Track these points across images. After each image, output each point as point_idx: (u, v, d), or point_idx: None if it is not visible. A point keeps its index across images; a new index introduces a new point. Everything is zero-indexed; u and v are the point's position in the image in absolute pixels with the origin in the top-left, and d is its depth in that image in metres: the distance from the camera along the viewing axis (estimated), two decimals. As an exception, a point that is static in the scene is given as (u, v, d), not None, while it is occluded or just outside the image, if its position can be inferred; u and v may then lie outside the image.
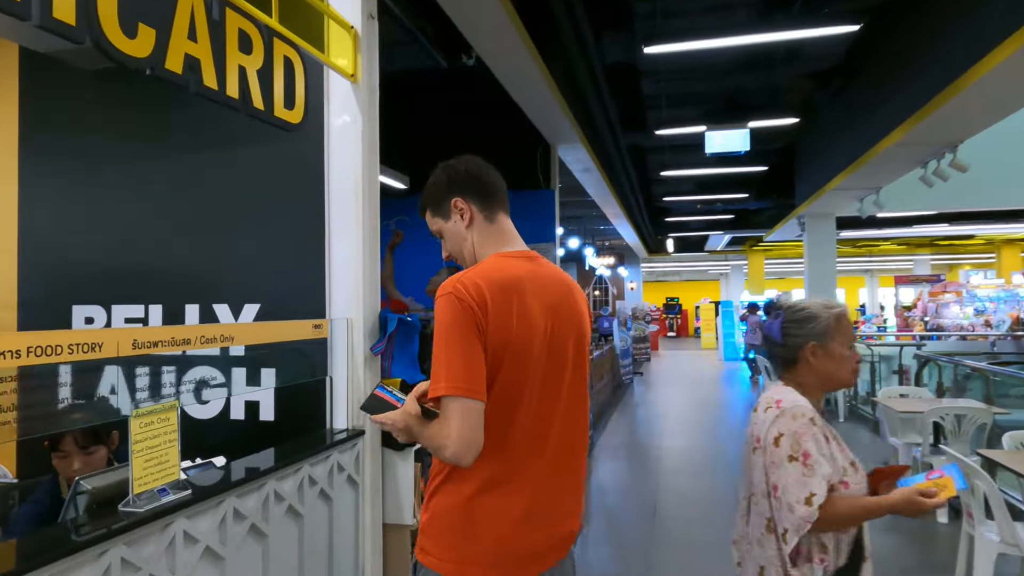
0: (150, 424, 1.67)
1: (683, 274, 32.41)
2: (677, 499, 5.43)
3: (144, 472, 1.65)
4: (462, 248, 1.57)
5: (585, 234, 16.91)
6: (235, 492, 1.92)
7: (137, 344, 1.61)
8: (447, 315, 1.36)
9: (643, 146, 9.17)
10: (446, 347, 1.34)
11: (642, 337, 16.49)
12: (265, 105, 2.09)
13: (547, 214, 6.84)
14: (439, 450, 1.35)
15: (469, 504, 1.42)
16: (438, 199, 1.59)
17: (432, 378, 1.36)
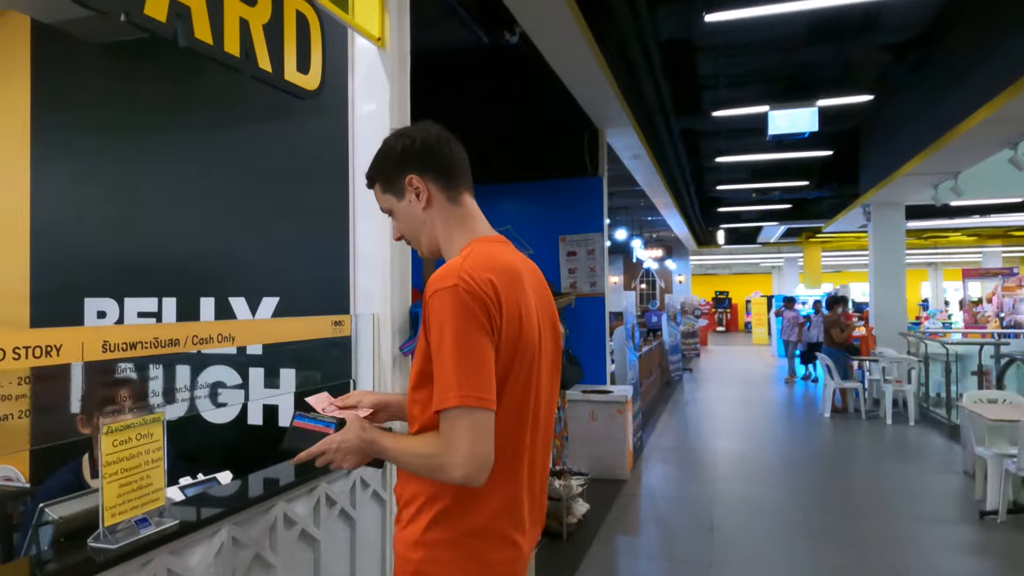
0: (127, 442, 1.40)
1: (733, 267, 31.45)
2: (735, 510, 5.01)
3: (119, 500, 1.38)
4: (419, 233, 1.38)
5: (633, 225, 16.40)
6: (235, 518, 1.64)
7: (108, 347, 1.33)
8: (450, 311, 1.17)
9: (697, 130, 8.67)
10: (454, 349, 1.15)
11: (691, 332, 15.92)
12: (273, 67, 1.80)
13: (594, 202, 6.48)
14: (440, 470, 1.17)
15: (485, 532, 1.25)
16: (389, 174, 1.38)
17: (442, 385, 1.16)
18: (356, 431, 1.30)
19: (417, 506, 1.26)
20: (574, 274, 6.51)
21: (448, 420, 1.15)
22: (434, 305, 1.18)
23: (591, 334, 6.41)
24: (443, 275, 1.21)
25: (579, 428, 5.84)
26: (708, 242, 19.25)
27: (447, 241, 1.37)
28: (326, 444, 1.29)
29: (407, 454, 1.25)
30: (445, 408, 1.15)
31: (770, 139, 6.34)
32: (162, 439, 1.48)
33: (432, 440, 1.19)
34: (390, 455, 1.28)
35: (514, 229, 6.74)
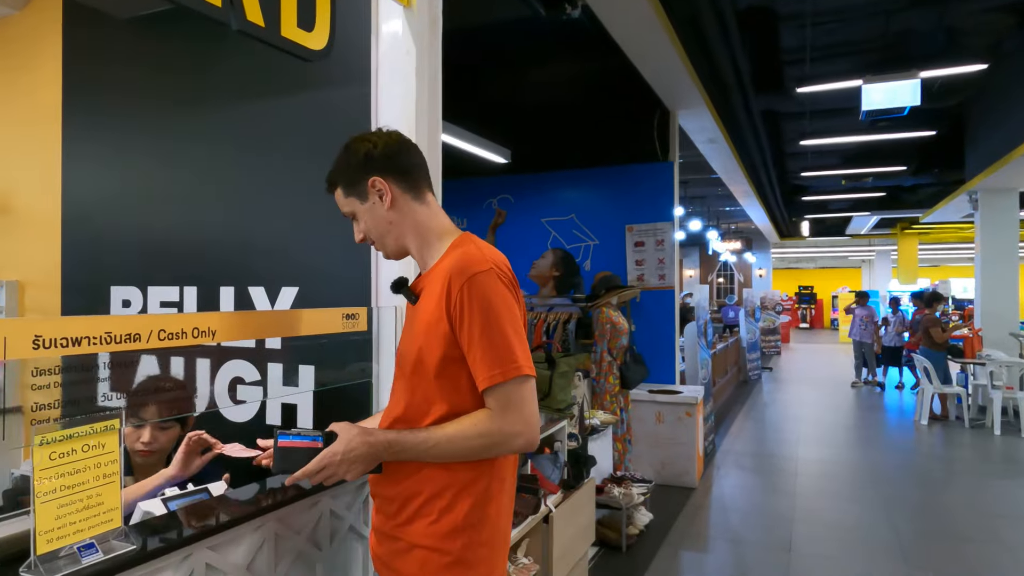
0: (69, 454, 1.19)
1: (819, 260, 29.77)
2: (817, 528, 4.51)
3: (57, 523, 1.17)
4: (384, 233, 1.42)
5: (708, 216, 15.65)
6: (214, 539, 1.41)
7: (39, 342, 1.12)
8: (495, 291, 1.26)
9: (779, 111, 8.01)
10: (509, 323, 1.26)
11: (772, 329, 15.06)
12: (267, 20, 1.55)
13: (665, 190, 6.05)
14: (503, 443, 1.25)
15: (507, 503, 1.39)
16: (352, 178, 1.41)
17: (499, 359, 1.23)
18: (361, 438, 1.28)
19: (451, 495, 1.29)
20: (641, 266, 6.11)
21: (507, 390, 1.22)
22: (478, 287, 1.24)
23: (659, 330, 6.01)
24: (473, 261, 1.27)
25: (644, 431, 5.47)
26: (791, 234, 18.18)
27: (419, 238, 1.42)
28: (327, 458, 1.27)
29: (455, 440, 1.25)
30: (510, 379, 1.22)
31: (863, 117, 5.71)
32: (117, 450, 1.26)
33: (483, 417, 1.24)
34: (418, 451, 1.27)
35: (577, 219, 6.42)
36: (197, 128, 2.55)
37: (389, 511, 1.37)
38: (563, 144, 6.43)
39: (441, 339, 1.28)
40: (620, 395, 4.81)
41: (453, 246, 1.38)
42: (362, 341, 2.04)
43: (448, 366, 1.28)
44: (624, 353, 4.82)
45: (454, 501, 1.29)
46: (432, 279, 1.36)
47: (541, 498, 2.67)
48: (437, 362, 1.29)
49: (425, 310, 1.33)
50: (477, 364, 1.24)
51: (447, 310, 1.27)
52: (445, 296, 1.27)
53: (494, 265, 1.29)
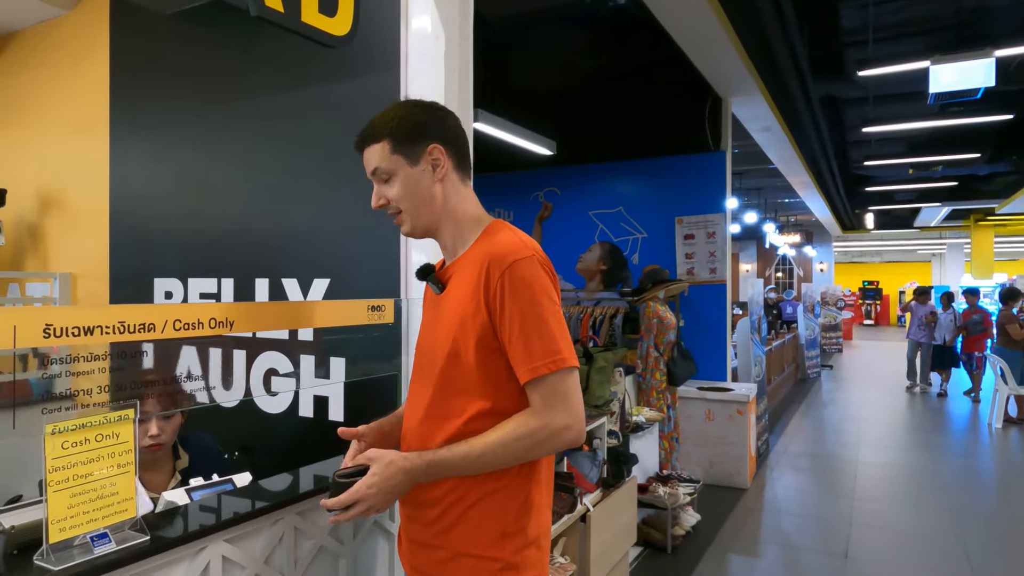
0: (81, 444, 1.18)
1: (885, 254, 28.50)
2: (877, 535, 4.28)
3: (69, 512, 1.17)
4: (418, 205, 1.30)
5: (766, 208, 15.15)
6: (230, 532, 1.40)
7: (49, 331, 1.12)
8: (539, 279, 1.20)
9: (840, 97, 7.63)
10: (552, 313, 1.19)
11: (833, 325, 14.47)
12: (286, 5, 1.52)
13: (716, 180, 5.84)
14: (551, 439, 1.17)
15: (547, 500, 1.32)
16: (409, 135, 1.28)
17: (543, 350, 1.16)
18: (398, 464, 1.18)
19: (496, 498, 1.23)
20: (691, 259, 5.92)
21: (552, 383, 1.16)
22: (519, 274, 1.18)
23: (710, 325, 5.82)
24: (513, 247, 1.21)
25: (692, 429, 5.31)
26: (855, 226, 17.43)
27: (453, 222, 1.33)
28: (358, 493, 1.16)
29: (499, 447, 1.17)
30: (552, 371, 1.16)
31: (931, 101, 5.36)
32: (132, 440, 1.25)
33: (526, 417, 1.18)
34: (461, 467, 1.19)
35: (625, 211, 6.28)
36: (233, 124, 2.57)
37: (426, 518, 1.27)
38: (610, 135, 6.29)
39: (478, 330, 1.21)
40: (667, 392, 4.67)
41: (486, 233, 1.30)
42: (391, 333, 2.01)
43: (487, 358, 1.21)
44: (671, 349, 4.68)
45: (500, 504, 1.23)
46: (464, 267, 1.28)
47: (577, 497, 2.60)
48: (474, 354, 1.21)
49: (458, 300, 1.25)
50: (519, 356, 1.17)
51: (485, 299, 1.20)
52: (483, 284, 1.20)
53: (536, 252, 1.22)
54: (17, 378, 1.20)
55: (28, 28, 3.37)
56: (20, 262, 3.43)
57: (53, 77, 3.24)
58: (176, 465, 2.00)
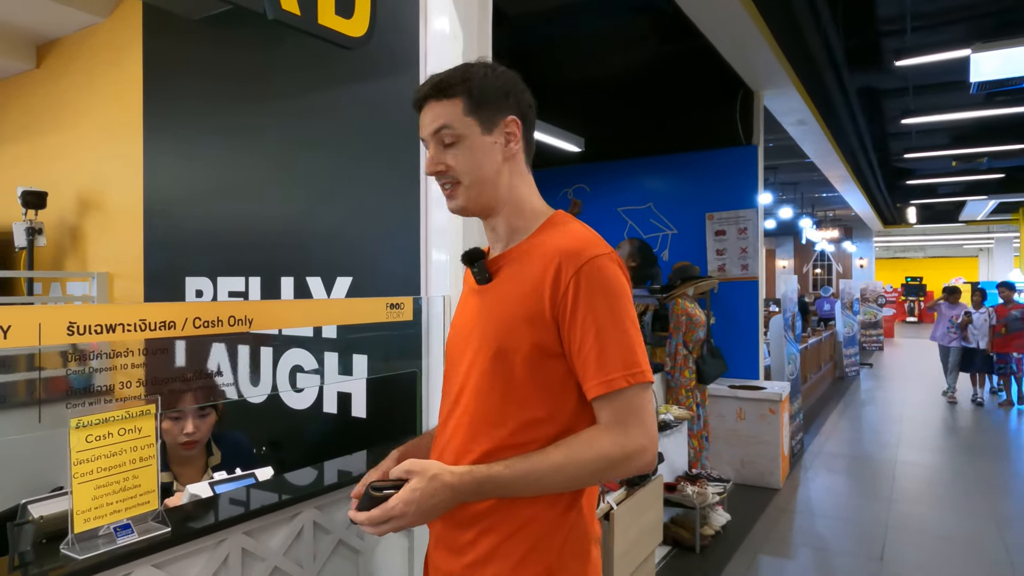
0: (105, 437, 1.22)
1: (928, 249, 27.66)
2: (915, 539, 4.16)
3: (94, 503, 1.21)
4: (480, 179, 1.13)
5: (802, 203, 14.83)
6: (251, 524, 1.43)
7: (73, 329, 1.16)
8: (619, 280, 1.07)
9: (877, 88, 7.42)
10: (631, 322, 1.06)
11: (873, 322, 14.11)
12: (302, 8, 1.55)
13: (748, 175, 5.74)
14: (625, 461, 1.03)
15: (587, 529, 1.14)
16: (490, 99, 1.13)
17: (622, 360, 1.03)
18: (443, 479, 1.00)
19: (540, 530, 1.08)
20: (722, 256, 5.84)
21: (628, 398, 1.03)
22: (598, 273, 1.05)
23: (742, 323, 5.73)
24: (588, 243, 1.08)
25: (723, 427, 5.24)
26: (896, 221, 16.96)
27: (513, 205, 1.18)
28: (394, 510, 0.97)
29: (566, 468, 1.02)
30: (631, 385, 1.03)
31: (974, 90, 5.18)
32: (154, 434, 1.29)
33: (598, 435, 1.04)
34: (517, 488, 1.03)
35: (654, 207, 6.22)
36: (259, 125, 2.63)
37: (455, 545, 1.11)
38: (639, 130, 6.23)
39: (538, 331, 1.06)
40: (696, 390, 4.62)
41: (551, 223, 1.16)
42: (410, 331, 2.03)
43: (542, 362, 1.07)
44: (701, 346, 4.63)
45: (545, 537, 1.07)
46: (523, 259, 1.13)
47: (600, 495, 2.59)
48: (528, 357, 1.07)
49: (513, 294, 1.11)
50: (591, 365, 1.03)
51: (552, 298, 1.05)
52: (552, 280, 1.05)
53: (611, 249, 1.09)
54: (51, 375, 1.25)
55: (68, 36, 3.49)
56: (61, 262, 3.56)
57: (91, 82, 3.36)
58: (208, 462, 2.05)
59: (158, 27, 2.97)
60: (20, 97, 3.82)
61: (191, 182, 2.86)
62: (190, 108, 2.86)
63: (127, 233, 3.05)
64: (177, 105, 2.92)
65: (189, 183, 2.87)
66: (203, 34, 2.79)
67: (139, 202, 2.98)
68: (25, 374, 1.14)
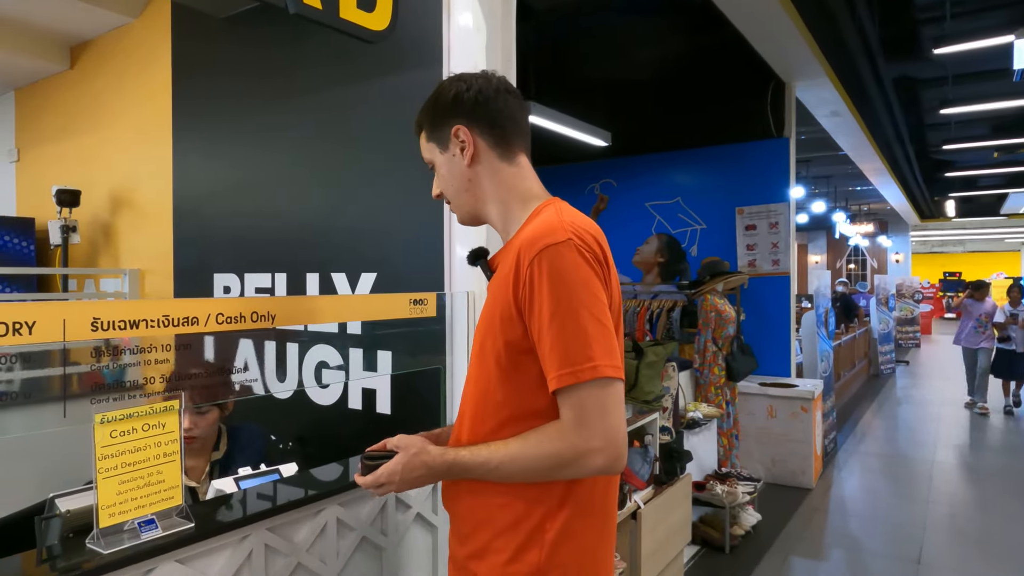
0: (129, 433, 1.23)
1: (968, 243, 26.87)
2: (954, 541, 4.04)
3: (119, 498, 1.22)
4: (460, 191, 1.21)
5: (836, 196, 14.52)
6: (273, 520, 1.43)
7: (97, 324, 1.16)
8: (572, 269, 1.02)
9: (915, 77, 7.20)
10: (587, 312, 1.00)
11: (909, 319, 13.76)
12: (324, 1, 1.54)
13: (779, 168, 5.62)
14: (574, 462, 1.01)
15: (605, 527, 1.15)
16: (436, 121, 1.21)
17: (570, 355, 0.99)
18: (421, 458, 1.10)
19: (530, 526, 1.07)
20: (753, 251, 5.73)
21: (581, 396, 0.99)
22: (549, 263, 1.01)
23: (773, 319, 5.61)
24: (548, 230, 1.05)
25: (753, 426, 5.14)
26: (934, 214, 16.49)
27: (500, 203, 1.20)
28: (381, 478, 1.12)
29: (518, 459, 1.04)
30: (581, 381, 0.98)
31: (1017, 77, 5.00)
32: (178, 430, 1.30)
33: (552, 431, 1.02)
34: (480, 472, 1.08)
35: (683, 202, 6.12)
36: (284, 122, 2.64)
37: (460, 532, 1.18)
38: (667, 124, 6.14)
39: (508, 325, 1.06)
40: (726, 387, 4.54)
41: (534, 214, 1.16)
42: (434, 327, 2.02)
43: (519, 359, 1.07)
44: (731, 343, 4.55)
45: (534, 534, 1.07)
46: (505, 253, 1.15)
47: (627, 494, 2.55)
48: (504, 354, 1.08)
49: (493, 291, 1.14)
50: (546, 359, 1.02)
51: (515, 289, 1.05)
52: (514, 272, 1.05)
53: (574, 235, 1.04)
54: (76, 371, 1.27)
55: (100, 36, 3.55)
56: (95, 259, 3.63)
57: (123, 82, 3.41)
58: (211, 456, 2.05)
59: (186, 26, 3.00)
60: (56, 98, 3.90)
61: (219, 180, 2.89)
62: (217, 107, 2.89)
63: (158, 230, 3.10)
64: (205, 104, 2.95)
65: (217, 181, 2.90)
66: (229, 32, 2.81)
67: (169, 200, 3.02)
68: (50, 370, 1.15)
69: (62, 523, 1.25)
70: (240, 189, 2.79)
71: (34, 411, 1.15)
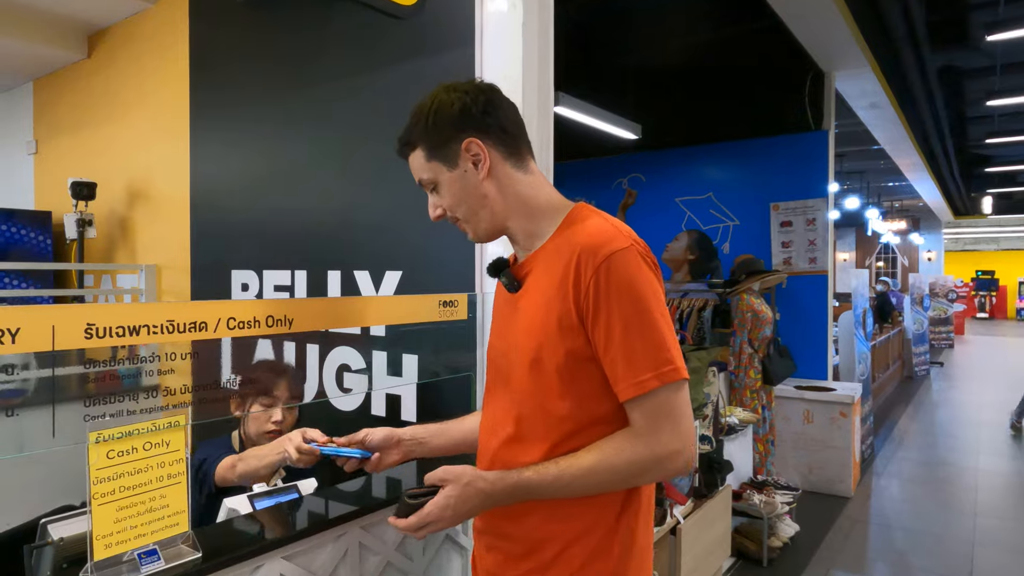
0: (129, 452, 1.09)
1: (1002, 241, 26.12)
2: (1008, 558, 3.81)
3: (116, 527, 1.08)
4: (475, 208, 1.13)
5: (868, 192, 14.13)
6: (289, 548, 1.29)
7: (91, 331, 1.02)
8: (642, 274, 1.02)
9: (961, 68, 6.89)
10: (661, 317, 1.02)
11: (943, 319, 13.35)
12: (348, -27, 1.38)
13: (817, 162, 5.39)
14: (657, 466, 1.01)
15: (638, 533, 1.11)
16: (439, 138, 1.12)
17: (651, 359, 0.99)
18: (476, 486, 1.03)
19: (599, 536, 1.06)
20: (788, 248, 5.51)
21: (659, 400, 1.00)
22: (618, 269, 1.00)
23: (809, 320, 5.39)
24: (607, 237, 1.04)
25: (789, 431, 4.93)
26: (969, 211, 15.99)
27: (523, 215, 1.15)
28: (430, 516, 1.01)
29: (596, 472, 1.01)
30: (664, 384, 0.99)
31: (1075, 67, 4.70)
32: (183, 449, 1.16)
33: (628, 437, 1.02)
34: (548, 492, 1.03)
35: (715, 197, 5.91)
36: (308, 112, 2.50)
37: (512, 551, 1.12)
38: (699, 116, 5.92)
39: (569, 333, 1.04)
40: (762, 391, 4.34)
41: (570, 220, 1.13)
42: (464, 330, 1.86)
43: (580, 368, 1.05)
44: (767, 345, 4.34)
45: (603, 543, 1.06)
46: (545, 260, 1.11)
47: (667, 508, 2.38)
48: (564, 364, 1.04)
49: (541, 300, 1.09)
50: (619, 367, 1.00)
51: (575, 299, 1.03)
52: (572, 280, 1.03)
53: (635, 241, 1.05)
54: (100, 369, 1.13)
55: (117, 23, 3.45)
56: (112, 253, 3.54)
57: (139, 71, 3.30)
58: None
59: (204, 10, 2.87)
60: (73, 88, 3.81)
61: (237, 173, 2.77)
62: (236, 96, 2.76)
63: (175, 225, 2.98)
64: (223, 94, 2.82)
65: (235, 174, 2.78)
66: (249, 16, 2.68)
67: (186, 193, 2.90)
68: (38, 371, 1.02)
69: (55, 552, 1.12)
70: (260, 182, 2.66)
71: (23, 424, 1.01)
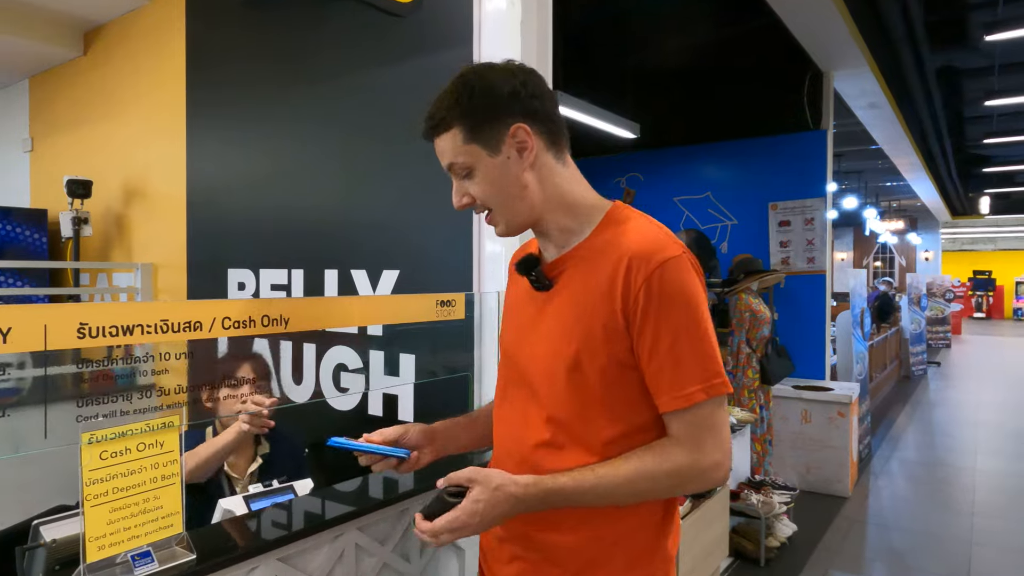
0: (122, 454, 1.08)
1: (999, 241, 26.17)
2: (1006, 558, 3.81)
3: (109, 528, 1.06)
4: (514, 198, 1.05)
5: (866, 192, 14.14)
6: (284, 549, 1.28)
7: (84, 331, 1.01)
8: (694, 285, 1.00)
9: (959, 67, 6.89)
10: (708, 329, 1.00)
11: (940, 319, 13.37)
12: (345, -31, 1.37)
13: (815, 162, 5.39)
14: (699, 476, 1.00)
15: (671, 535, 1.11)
16: (484, 119, 1.02)
17: (700, 372, 0.98)
18: (507, 490, 0.97)
19: (646, 540, 1.07)
20: (786, 248, 5.50)
21: (704, 411, 0.99)
22: (669, 278, 0.98)
23: (807, 319, 5.39)
24: (659, 244, 1.01)
25: (787, 431, 4.93)
26: (967, 211, 16.01)
27: (561, 210, 1.08)
28: (458, 520, 0.95)
29: (635, 482, 0.99)
30: (712, 397, 0.98)
31: (1073, 67, 4.70)
32: (177, 449, 1.15)
33: (669, 447, 1.00)
34: (583, 501, 1.00)
35: (713, 197, 5.91)
36: (302, 113, 2.49)
37: (543, 563, 1.08)
38: (698, 116, 5.91)
39: (614, 338, 1.00)
40: (760, 391, 4.34)
41: (611, 220, 1.08)
42: (462, 330, 1.85)
43: (622, 374, 1.02)
44: (765, 345, 4.34)
45: (644, 556, 1.06)
46: (587, 262, 1.06)
47: (665, 509, 2.37)
48: (606, 369, 1.01)
49: (580, 302, 1.04)
50: (666, 378, 0.98)
51: (623, 305, 0.99)
52: (622, 286, 0.99)
53: (685, 249, 1.03)
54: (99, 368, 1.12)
55: (113, 20, 3.43)
56: (108, 252, 3.52)
57: (135, 69, 3.28)
58: (257, 450, 1.95)
59: (201, 7, 2.85)
60: (69, 86, 3.79)
61: (234, 171, 2.75)
62: (232, 95, 2.75)
63: (171, 223, 2.97)
64: (219, 92, 2.81)
65: (232, 172, 2.76)
66: (246, 14, 2.66)
67: (182, 192, 2.88)
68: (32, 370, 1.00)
69: (47, 554, 1.11)
70: (256, 180, 2.65)
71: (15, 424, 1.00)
